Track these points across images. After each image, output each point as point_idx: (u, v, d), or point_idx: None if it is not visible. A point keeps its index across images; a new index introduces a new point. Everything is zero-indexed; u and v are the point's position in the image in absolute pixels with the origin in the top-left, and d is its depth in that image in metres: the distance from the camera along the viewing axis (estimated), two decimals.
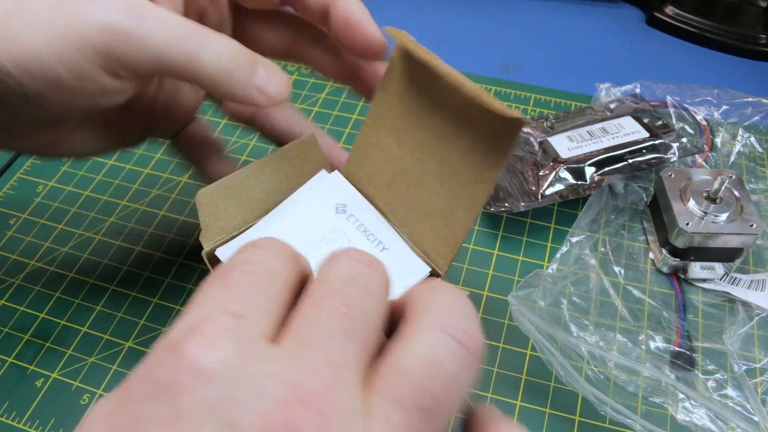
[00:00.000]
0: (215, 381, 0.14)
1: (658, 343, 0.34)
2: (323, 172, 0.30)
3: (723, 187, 0.36)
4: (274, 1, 0.30)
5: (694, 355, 0.34)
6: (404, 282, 0.26)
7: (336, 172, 0.30)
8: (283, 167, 0.30)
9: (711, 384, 0.33)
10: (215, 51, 0.25)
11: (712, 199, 0.36)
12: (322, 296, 0.17)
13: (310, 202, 0.29)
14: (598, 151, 0.40)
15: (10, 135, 0.28)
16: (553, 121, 0.43)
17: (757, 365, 0.34)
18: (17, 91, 0.24)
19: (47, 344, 0.35)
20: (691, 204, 0.36)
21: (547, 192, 0.39)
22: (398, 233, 0.28)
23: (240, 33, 0.31)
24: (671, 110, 0.46)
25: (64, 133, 0.29)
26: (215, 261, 0.28)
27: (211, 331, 0.15)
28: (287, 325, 0.16)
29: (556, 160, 0.40)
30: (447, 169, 0.26)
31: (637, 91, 0.46)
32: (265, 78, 0.26)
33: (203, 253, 0.28)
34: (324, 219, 0.29)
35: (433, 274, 0.27)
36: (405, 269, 0.27)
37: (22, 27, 0.23)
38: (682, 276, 0.37)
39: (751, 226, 0.35)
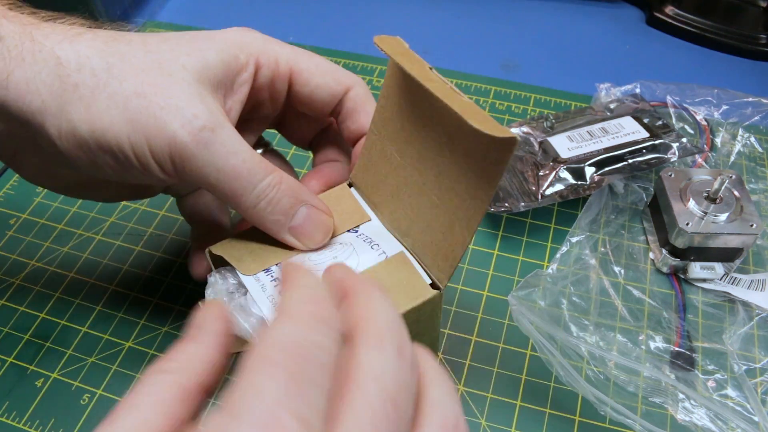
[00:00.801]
0: None
1: (658, 343, 0.34)
2: (344, 186, 0.31)
3: (723, 187, 0.36)
4: (323, 115, 0.32)
5: (694, 355, 0.34)
6: (407, 294, 0.27)
7: (347, 186, 0.31)
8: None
9: (711, 384, 0.33)
10: (255, 194, 0.27)
11: (712, 199, 0.36)
12: (363, 412, 0.17)
13: None
14: (598, 151, 0.40)
15: (51, 177, 0.31)
16: (553, 121, 0.43)
17: (757, 365, 0.34)
18: (80, 154, 0.26)
19: (47, 344, 0.35)
20: (691, 204, 0.36)
21: (547, 192, 0.39)
22: (402, 244, 0.28)
23: (281, 120, 0.34)
24: (671, 110, 0.46)
25: (99, 187, 0.32)
26: (218, 258, 0.28)
27: None
28: (335, 424, 0.17)
29: (556, 160, 0.40)
30: (445, 182, 0.26)
31: (637, 91, 0.46)
32: (302, 222, 0.28)
33: (207, 250, 0.29)
34: (339, 237, 0.29)
35: (433, 286, 0.27)
36: (407, 283, 0.27)
37: (107, 106, 0.25)
38: (682, 276, 0.37)
39: (751, 226, 0.35)
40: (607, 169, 0.40)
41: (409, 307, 0.26)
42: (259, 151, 0.34)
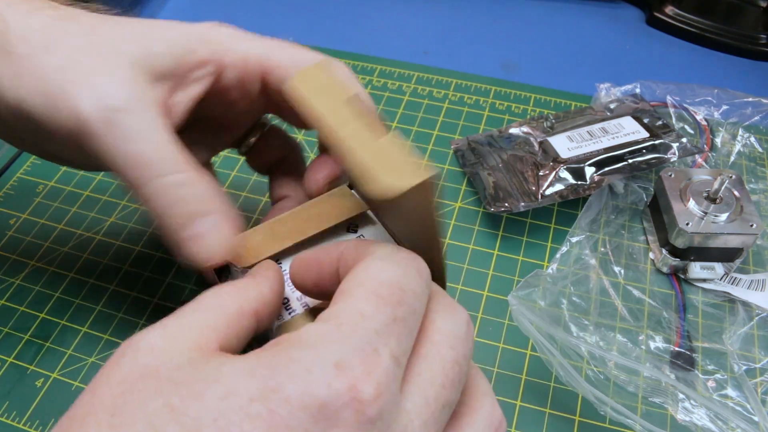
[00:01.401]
0: (374, 427, 0.17)
1: (658, 343, 0.34)
2: (344, 188, 0.30)
3: (723, 187, 0.36)
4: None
5: (694, 355, 0.34)
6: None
7: (350, 191, 0.31)
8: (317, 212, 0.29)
9: (711, 384, 0.33)
10: (159, 185, 0.25)
11: (712, 199, 0.36)
12: (438, 365, 0.19)
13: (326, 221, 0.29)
14: (598, 151, 0.40)
15: (23, 143, 0.31)
16: (553, 121, 0.43)
17: (757, 365, 0.34)
18: (9, 119, 0.27)
19: (47, 344, 0.35)
20: (691, 204, 0.36)
21: (547, 192, 0.39)
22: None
23: (279, 110, 0.32)
24: (671, 110, 0.46)
25: (53, 149, 0.30)
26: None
27: (380, 375, 0.17)
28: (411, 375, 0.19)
29: (556, 160, 0.40)
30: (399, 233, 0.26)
31: (637, 91, 0.46)
32: (202, 232, 0.25)
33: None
34: (337, 238, 0.29)
35: None
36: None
37: (29, 77, 0.25)
38: (682, 276, 0.37)
39: (751, 226, 0.35)
40: (607, 169, 0.40)
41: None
42: (253, 138, 0.33)
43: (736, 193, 0.37)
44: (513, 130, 0.43)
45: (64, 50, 0.26)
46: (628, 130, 0.41)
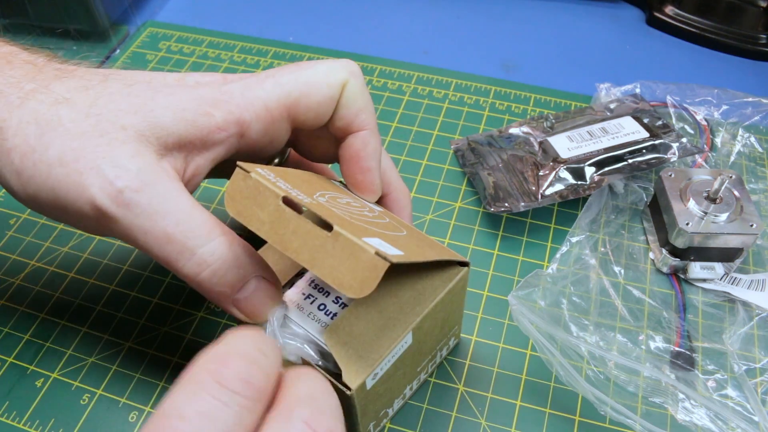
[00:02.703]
0: None
1: (658, 343, 0.34)
2: None
3: (723, 187, 0.36)
4: (321, 123, 0.29)
5: (694, 355, 0.34)
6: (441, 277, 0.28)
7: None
8: None
9: (711, 384, 0.33)
10: (196, 263, 0.24)
11: (712, 199, 0.36)
12: None
13: None
14: (598, 151, 0.40)
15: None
16: (553, 121, 0.43)
17: (757, 365, 0.34)
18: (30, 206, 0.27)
19: (47, 344, 0.35)
20: (691, 204, 0.36)
21: (547, 192, 0.39)
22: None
23: (294, 143, 0.32)
24: (671, 110, 0.46)
25: (88, 229, 0.30)
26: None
27: None
28: None
29: (556, 160, 0.40)
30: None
31: (637, 91, 0.46)
32: (249, 296, 0.25)
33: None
34: None
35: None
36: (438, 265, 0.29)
37: (32, 175, 0.25)
38: (682, 276, 0.37)
39: (751, 226, 0.35)
40: (607, 169, 0.40)
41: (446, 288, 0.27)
42: (276, 161, 0.33)
43: (736, 193, 0.37)
44: (513, 130, 0.43)
45: (60, 140, 0.25)
46: (628, 130, 0.41)
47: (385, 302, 0.27)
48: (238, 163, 0.25)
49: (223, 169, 0.29)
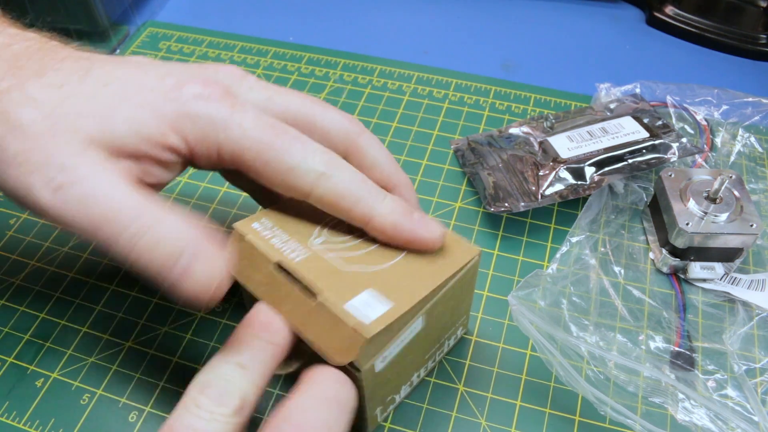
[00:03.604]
0: None
1: (658, 343, 0.34)
2: None
3: (723, 187, 0.36)
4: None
5: (694, 355, 0.34)
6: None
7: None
8: None
9: (711, 384, 0.33)
10: (129, 236, 0.24)
11: (712, 199, 0.36)
12: None
13: None
14: (598, 151, 0.40)
15: None
16: (553, 121, 0.43)
17: (757, 365, 0.34)
18: None
19: (47, 344, 0.35)
20: (691, 204, 0.36)
21: (547, 192, 0.39)
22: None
23: None
24: (671, 110, 0.46)
25: None
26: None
27: None
28: None
29: (556, 160, 0.40)
30: None
31: (637, 91, 0.46)
32: (185, 271, 0.25)
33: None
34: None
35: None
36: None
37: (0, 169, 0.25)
38: (682, 276, 0.37)
39: (751, 226, 0.35)
40: (607, 169, 0.40)
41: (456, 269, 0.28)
42: None
43: (736, 193, 0.37)
44: (513, 130, 0.43)
45: (15, 141, 0.25)
46: (628, 130, 0.41)
47: (400, 273, 0.27)
48: (235, 225, 0.27)
49: (234, 177, 0.30)
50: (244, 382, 0.25)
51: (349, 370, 0.25)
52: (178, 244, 0.25)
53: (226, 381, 0.25)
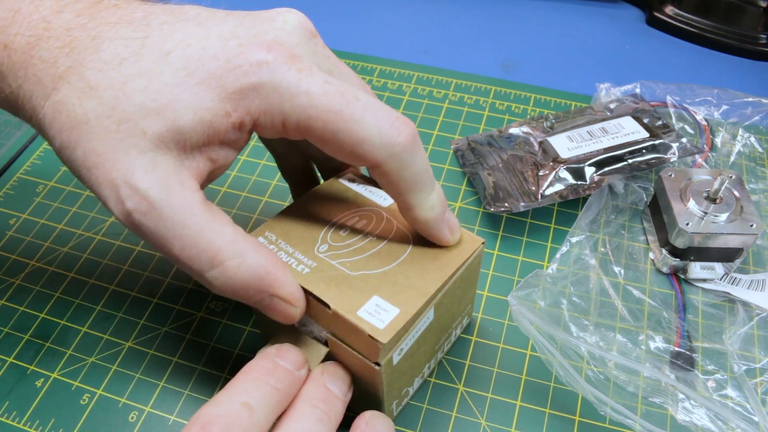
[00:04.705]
0: None
1: (658, 343, 0.34)
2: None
3: (723, 187, 0.36)
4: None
5: (694, 355, 0.34)
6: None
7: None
8: None
9: (711, 384, 0.33)
10: (205, 281, 0.25)
11: (712, 199, 0.36)
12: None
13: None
14: (598, 151, 0.40)
15: None
16: (553, 121, 0.43)
17: (757, 365, 0.34)
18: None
19: (47, 344, 0.35)
20: (691, 204, 0.36)
21: (547, 192, 0.39)
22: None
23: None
24: (671, 110, 0.46)
25: None
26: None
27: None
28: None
29: (556, 160, 0.40)
30: None
31: (637, 91, 0.46)
32: (272, 305, 0.26)
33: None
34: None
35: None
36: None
37: (70, 169, 0.26)
38: (682, 276, 0.37)
39: (751, 226, 0.35)
40: (607, 169, 0.40)
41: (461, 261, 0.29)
42: None
43: (736, 193, 0.37)
44: (513, 130, 0.43)
45: (84, 140, 0.24)
46: (628, 130, 0.41)
47: (407, 271, 0.28)
48: None
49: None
50: (250, 424, 0.24)
51: (369, 365, 0.26)
52: (260, 290, 0.26)
53: (232, 420, 0.24)
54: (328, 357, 0.28)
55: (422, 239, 0.29)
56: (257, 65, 0.24)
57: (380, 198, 0.31)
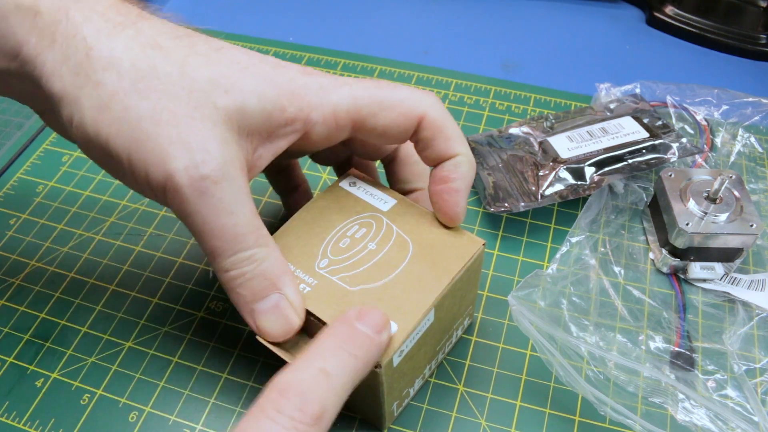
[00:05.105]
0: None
1: (658, 343, 0.34)
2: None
3: (723, 187, 0.36)
4: (394, 148, 0.31)
5: (694, 355, 0.34)
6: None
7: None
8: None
9: (711, 384, 0.33)
10: (231, 261, 0.25)
11: (712, 199, 0.36)
12: None
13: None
14: (597, 151, 0.40)
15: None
16: (553, 121, 0.43)
17: (757, 365, 0.34)
18: (85, 147, 0.26)
19: (47, 344, 0.35)
20: (691, 204, 0.36)
21: (547, 192, 0.39)
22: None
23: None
24: (671, 110, 0.46)
25: (129, 184, 0.30)
26: None
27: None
28: None
29: (556, 160, 0.40)
30: None
31: (637, 91, 0.46)
32: (266, 309, 0.26)
33: None
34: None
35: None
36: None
37: (119, 117, 0.24)
38: (682, 276, 0.37)
39: (751, 226, 0.35)
40: (607, 169, 0.40)
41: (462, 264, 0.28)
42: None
43: (736, 193, 0.37)
44: (513, 130, 0.43)
45: (156, 94, 0.24)
46: (628, 130, 0.41)
47: (407, 281, 0.28)
48: None
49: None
50: (327, 391, 0.23)
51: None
52: (275, 285, 0.26)
53: (309, 387, 0.23)
54: None
55: (422, 242, 0.29)
56: (298, 72, 0.27)
57: (380, 201, 0.31)
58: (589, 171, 0.39)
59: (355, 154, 0.33)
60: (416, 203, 0.31)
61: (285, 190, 0.37)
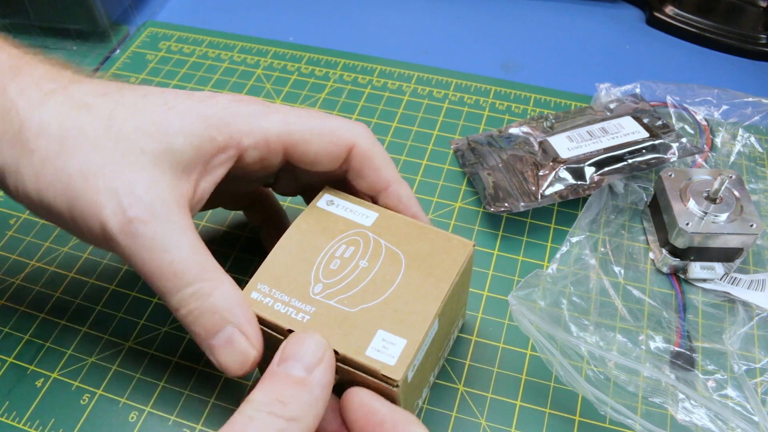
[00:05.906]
0: None
1: (658, 343, 0.34)
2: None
3: (723, 187, 0.36)
4: (328, 175, 0.31)
5: (694, 355, 0.34)
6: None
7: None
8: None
9: (711, 384, 0.33)
10: (177, 300, 0.25)
11: (712, 199, 0.36)
12: None
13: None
14: (597, 151, 0.40)
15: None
16: (553, 121, 0.43)
17: (757, 365, 0.34)
18: (35, 210, 0.27)
19: (47, 344, 0.35)
20: (691, 204, 0.36)
21: (547, 192, 0.39)
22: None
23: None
24: (671, 110, 0.46)
25: (86, 240, 0.31)
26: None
27: None
28: None
29: (556, 160, 0.40)
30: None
31: (637, 91, 0.46)
32: (221, 344, 0.26)
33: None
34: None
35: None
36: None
37: (52, 181, 0.25)
38: (682, 276, 0.37)
39: (751, 226, 0.35)
40: (607, 169, 0.40)
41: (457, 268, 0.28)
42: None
43: (736, 193, 0.37)
44: (513, 130, 0.43)
45: (84, 150, 0.25)
46: (628, 130, 0.41)
47: (406, 294, 0.27)
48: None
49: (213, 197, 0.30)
50: None
51: (385, 388, 0.25)
52: (226, 319, 0.26)
53: None
54: (340, 384, 0.27)
55: (413, 253, 0.28)
56: (229, 102, 0.28)
57: (362, 217, 0.30)
58: (589, 171, 0.39)
59: (303, 180, 0.34)
60: (396, 211, 0.31)
61: (261, 223, 0.38)
